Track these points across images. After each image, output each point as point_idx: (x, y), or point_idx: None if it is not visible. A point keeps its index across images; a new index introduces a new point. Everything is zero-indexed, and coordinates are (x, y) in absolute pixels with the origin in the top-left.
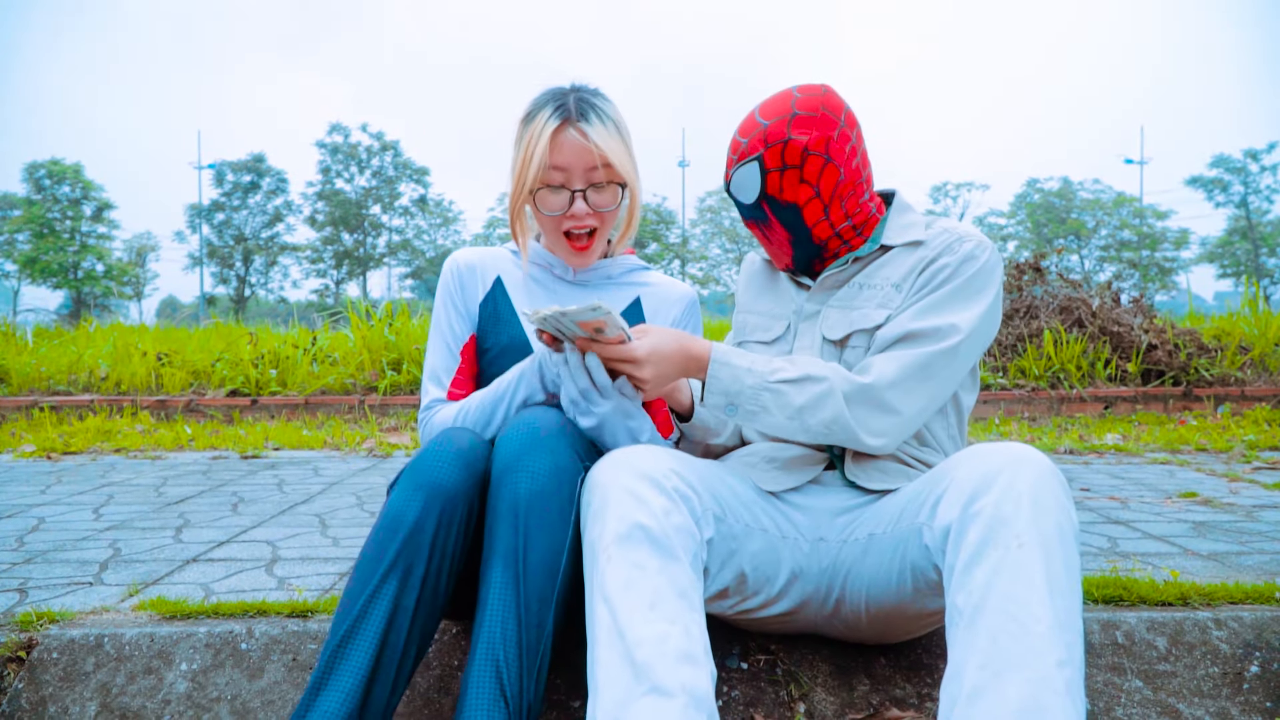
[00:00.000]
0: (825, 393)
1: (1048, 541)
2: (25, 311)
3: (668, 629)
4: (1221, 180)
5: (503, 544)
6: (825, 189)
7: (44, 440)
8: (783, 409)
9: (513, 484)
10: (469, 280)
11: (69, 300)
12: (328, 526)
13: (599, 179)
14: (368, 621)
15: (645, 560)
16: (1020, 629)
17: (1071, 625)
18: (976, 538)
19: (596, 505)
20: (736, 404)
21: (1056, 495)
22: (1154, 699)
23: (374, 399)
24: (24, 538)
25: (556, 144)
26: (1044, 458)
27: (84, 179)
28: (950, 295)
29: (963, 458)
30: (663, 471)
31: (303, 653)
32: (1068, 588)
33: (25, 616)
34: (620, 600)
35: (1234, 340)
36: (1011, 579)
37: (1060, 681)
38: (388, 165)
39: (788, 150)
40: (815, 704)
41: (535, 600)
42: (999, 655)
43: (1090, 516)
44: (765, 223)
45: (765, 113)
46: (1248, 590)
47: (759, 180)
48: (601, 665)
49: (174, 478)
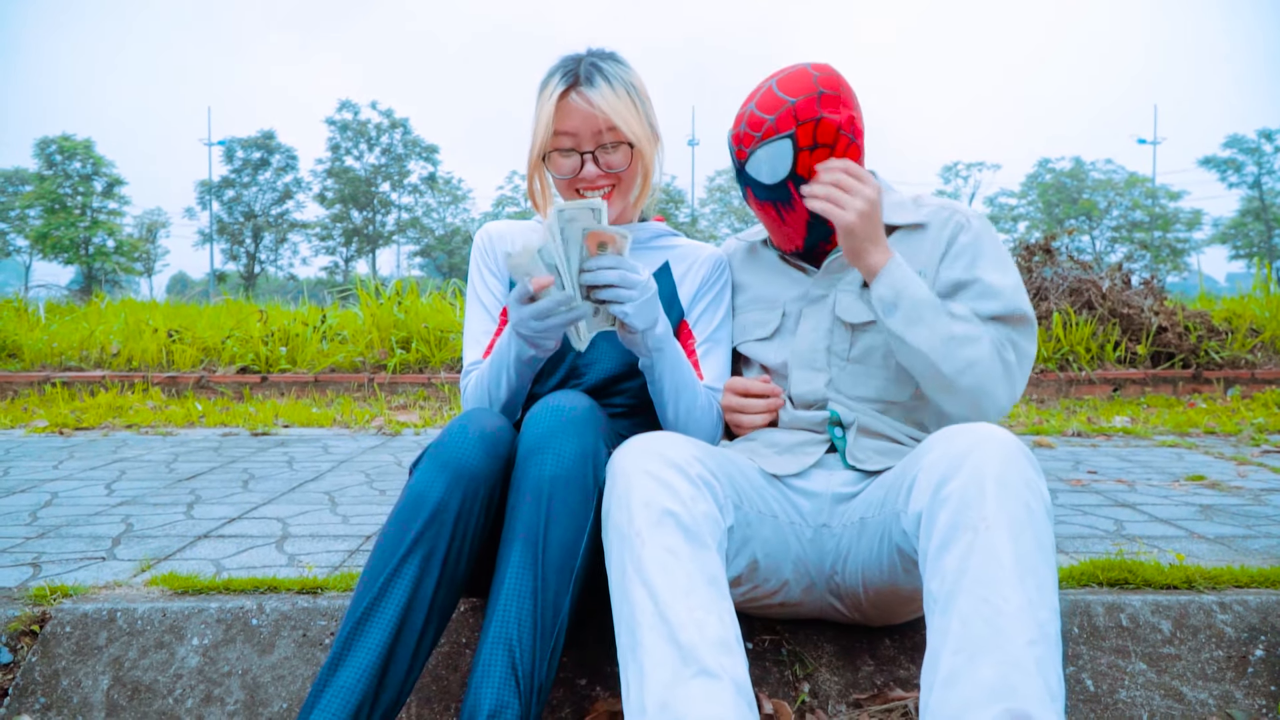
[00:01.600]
0: (978, 337)
1: (1015, 521)
2: (37, 287)
3: (704, 616)
4: (1235, 161)
5: (524, 524)
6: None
7: (56, 416)
8: (937, 329)
9: (538, 465)
10: (501, 248)
11: (80, 276)
12: (337, 504)
13: (606, 140)
14: (388, 600)
15: (677, 546)
16: (991, 611)
17: (1044, 603)
18: (946, 523)
19: (621, 489)
20: (898, 304)
21: (1024, 473)
22: (1158, 681)
23: (383, 377)
24: (37, 512)
25: (562, 109)
26: (1010, 437)
27: (95, 155)
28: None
29: (933, 441)
30: (686, 459)
31: (312, 629)
32: (1039, 565)
33: (39, 591)
34: (660, 584)
35: (1245, 323)
36: (981, 562)
37: (1030, 661)
38: (397, 143)
39: (820, 129)
40: (820, 684)
41: (554, 582)
42: (971, 639)
43: (1097, 499)
44: (787, 203)
45: (788, 89)
46: (1253, 574)
47: (791, 158)
48: (646, 649)
49: (185, 454)
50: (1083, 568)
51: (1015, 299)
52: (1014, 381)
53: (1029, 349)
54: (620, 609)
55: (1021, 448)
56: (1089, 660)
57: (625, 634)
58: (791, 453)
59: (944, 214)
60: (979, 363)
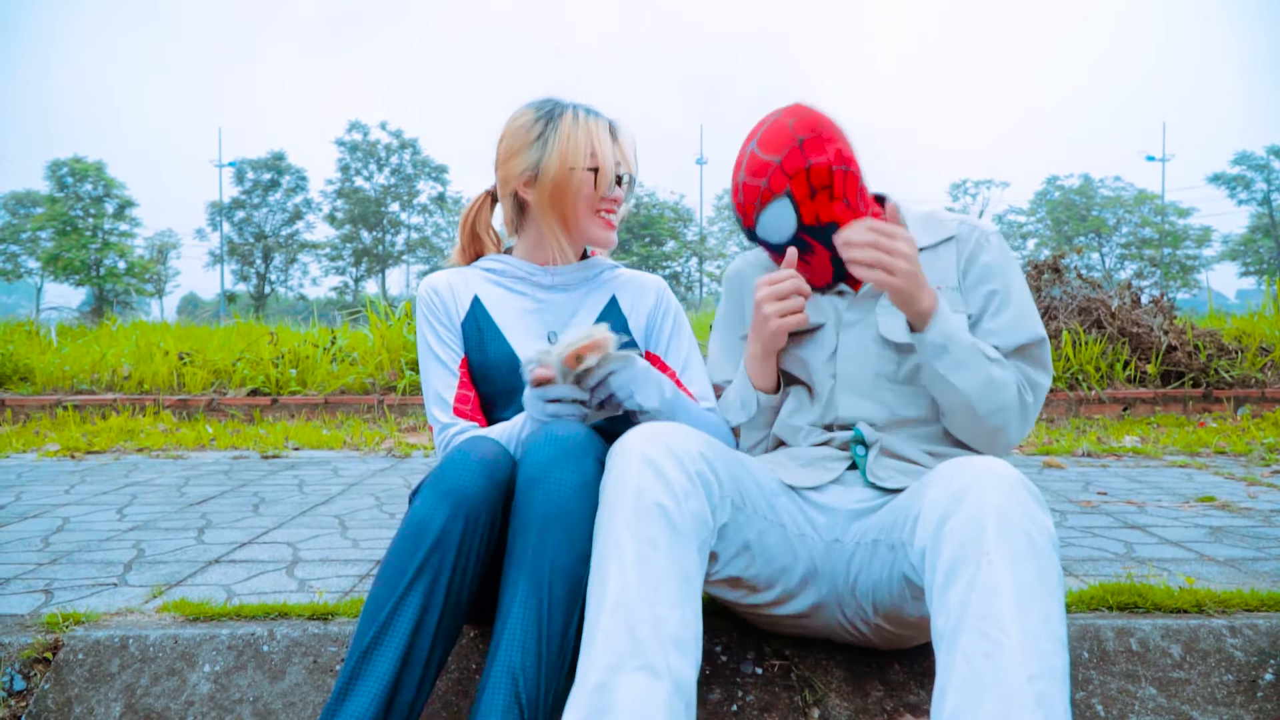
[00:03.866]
0: (1008, 381)
1: (1017, 554)
2: (49, 309)
3: (668, 612)
4: (1244, 177)
5: (527, 554)
6: (852, 196)
7: (68, 439)
8: (978, 373)
9: (540, 495)
10: (448, 300)
11: (91, 297)
12: (348, 528)
13: (621, 172)
14: (393, 629)
15: (659, 538)
16: (992, 646)
17: (1049, 634)
18: (948, 558)
19: (618, 471)
20: (949, 349)
21: (1024, 506)
22: (1168, 706)
23: (393, 399)
24: (49, 538)
25: (599, 133)
26: (1010, 470)
27: (106, 177)
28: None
29: (935, 476)
30: (690, 453)
31: (323, 655)
32: (1042, 596)
33: (51, 618)
34: (633, 573)
35: (1255, 341)
36: (982, 597)
37: (1030, 697)
38: (406, 163)
39: (813, 174)
40: (829, 710)
41: (558, 611)
42: (973, 676)
43: (1107, 521)
44: (806, 250)
45: (769, 148)
46: (1263, 598)
47: (794, 215)
48: (602, 629)
49: (196, 477)
50: (1092, 591)
51: (1035, 324)
52: (1028, 422)
53: (1045, 383)
54: (594, 584)
55: (1022, 480)
56: (1099, 685)
57: (592, 609)
58: (812, 467)
59: (964, 230)
60: (1008, 407)
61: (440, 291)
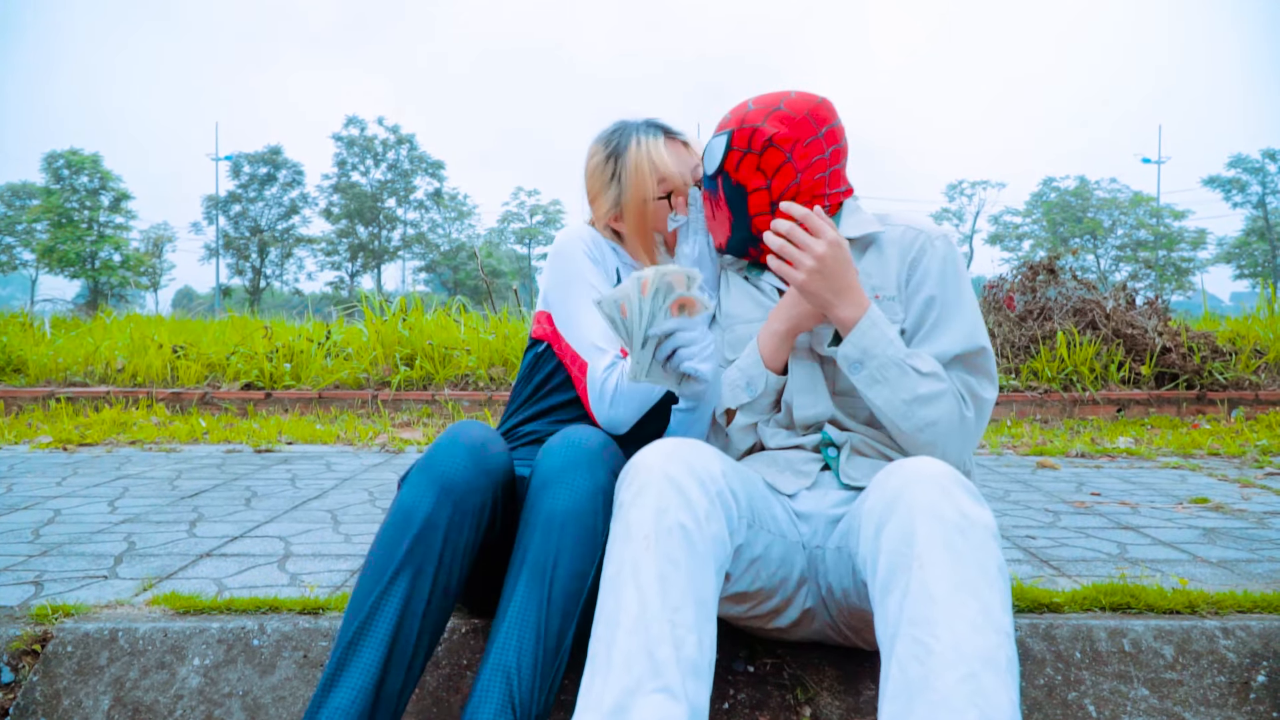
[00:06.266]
0: (940, 394)
1: (951, 551)
2: (43, 301)
3: (685, 635)
4: (1239, 180)
5: (532, 556)
6: (776, 186)
7: (60, 431)
8: (901, 391)
9: (551, 498)
10: (605, 254)
11: (86, 289)
12: (340, 523)
13: (692, 180)
14: (379, 619)
15: (680, 560)
16: (924, 651)
17: (990, 625)
18: (885, 566)
19: (638, 488)
20: (865, 364)
21: (957, 502)
22: (1160, 707)
23: (387, 394)
24: (40, 530)
25: (662, 154)
26: (942, 468)
27: (102, 169)
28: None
29: (874, 482)
30: (711, 473)
31: (314, 649)
32: (980, 590)
33: (40, 610)
34: (653, 592)
35: (1249, 343)
36: (915, 603)
37: (961, 698)
38: (403, 158)
39: (755, 136)
40: (821, 708)
41: (558, 615)
42: (906, 684)
43: (1100, 521)
44: (714, 197)
45: (757, 100)
46: (1256, 599)
47: (721, 154)
48: (620, 648)
49: (188, 471)
50: (1085, 592)
51: (976, 333)
52: (969, 437)
53: (988, 396)
54: (606, 601)
55: (954, 476)
56: (1091, 686)
57: (605, 627)
58: (789, 472)
59: (910, 234)
60: (938, 422)
61: (599, 244)
